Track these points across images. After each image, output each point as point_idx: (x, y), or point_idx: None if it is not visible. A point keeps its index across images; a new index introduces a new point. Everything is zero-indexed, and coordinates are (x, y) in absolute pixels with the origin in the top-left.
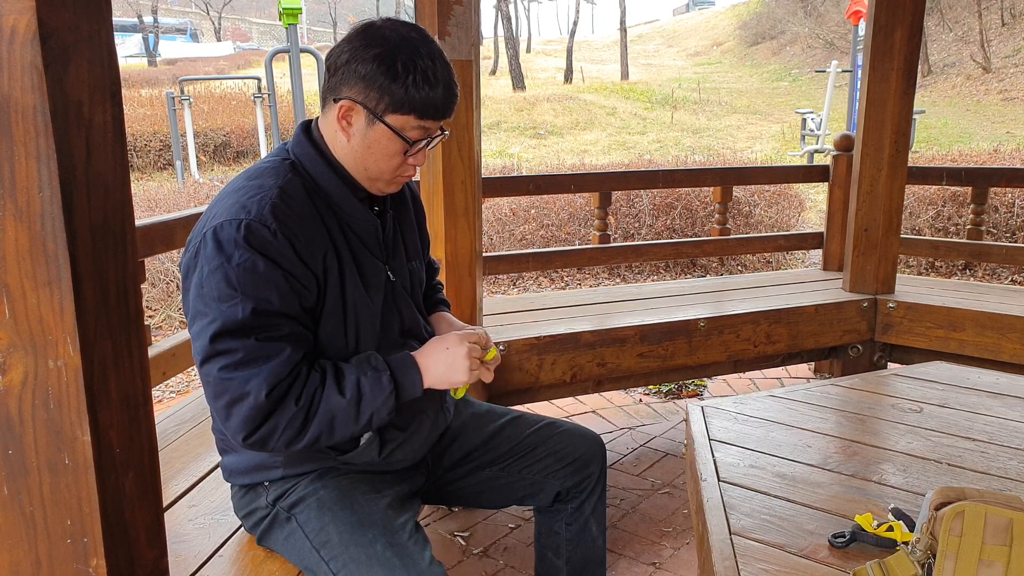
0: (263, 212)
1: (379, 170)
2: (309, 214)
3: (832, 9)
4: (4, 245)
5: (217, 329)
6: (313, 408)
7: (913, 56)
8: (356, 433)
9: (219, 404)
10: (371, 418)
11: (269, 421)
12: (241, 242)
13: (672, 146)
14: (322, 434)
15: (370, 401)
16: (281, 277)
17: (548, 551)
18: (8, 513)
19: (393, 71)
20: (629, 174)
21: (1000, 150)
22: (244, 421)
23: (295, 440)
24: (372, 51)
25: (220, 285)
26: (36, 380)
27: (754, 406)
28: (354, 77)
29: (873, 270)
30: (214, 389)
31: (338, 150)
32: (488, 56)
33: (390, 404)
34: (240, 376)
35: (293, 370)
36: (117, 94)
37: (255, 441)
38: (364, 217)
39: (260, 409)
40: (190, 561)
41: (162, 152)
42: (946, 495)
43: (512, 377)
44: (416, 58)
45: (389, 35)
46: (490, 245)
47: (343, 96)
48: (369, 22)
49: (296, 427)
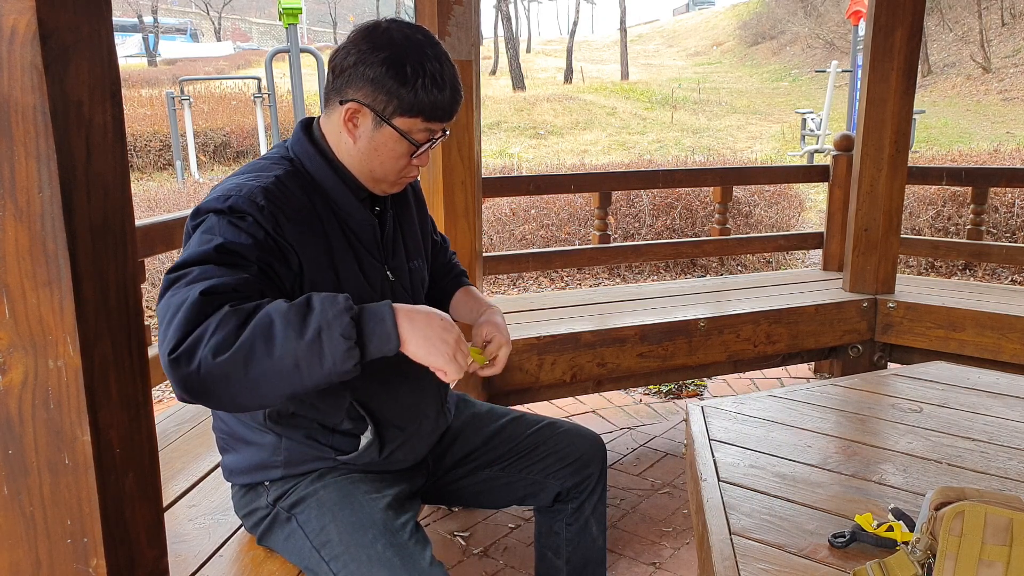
0: (254, 191)
1: (384, 171)
2: (304, 208)
3: (832, 9)
4: (4, 245)
5: (181, 260)
6: (252, 312)
7: (913, 56)
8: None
9: (161, 328)
10: (319, 334)
11: (202, 324)
12: (225, 211)
13: (672, 146)
14: (256, 344)
15: (317, 315)
16: (262, 237)
17: (548, 551)
18: (8, 513)
19: (402, 75)
20: (629, 174)
21: (1000, 150)
22: (176, 328)
23: (225, 347)
24: (380, 54)
25: (201, 234)
26: (36, 380)
27: (754, 406)
28: (361, 80)
29: (873, 270)
30: (159, 313)
31: (342, 151)
32: (488, 56)
33: (344, 321)
34: (183, 291)
35: (242, 292)
36: (117, 94)
37: (183, 351)
38: (362, 216)
39: (192, 308)
40: (190, 561)
41: (162, 152)
42: (946, 495)
43: (512, 377)
44: (424, 61)
45: (396, 37)
46: (490, 245)
47: (349, 98)
48: (374, 23)
49: (229, 328)
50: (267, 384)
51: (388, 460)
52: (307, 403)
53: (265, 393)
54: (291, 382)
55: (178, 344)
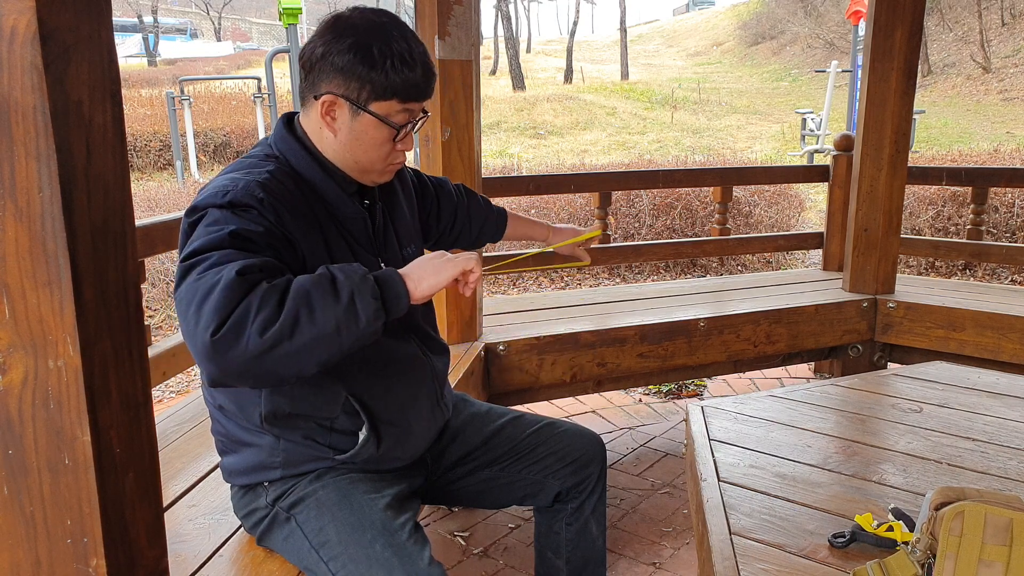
0: (251, 185)
1: (370, 160)
2: (299, 202)
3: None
4: (4, 245)
5: (195, 247)
6: (287, 286)
7: (913, 56)
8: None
9: (190, 311)
10: (352, 297)
11: (243, 302)
12: (226, 205)
13: (672, 146)
14: (301, 313)
15: (344, 282)
16: (268, 226)
17: (548, 551)
18: (8, 513)
19: (370, 58)
20: (629, 174)
21: (1000, 150)
22: (215, 309)
23: (271, 321)
24: (345, 41)
25: (206, 226)
26: (36, 380)
27: (754, 406)
28: (331, 70)
29: (873, 270)
30: (185, 297)
31: (326, 147)
32: (488, 56)
33: (369, 284)
34: (211, 273)
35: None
36: (117, 94)
37: (227, 330)
38: (353, 211)
39: (231, 288)
40: (190, 561)
41: (162, 152)
42: (946, 495)
43: (512, 377)
44: (391, 41)
45: (359, 23)
46: (490, 245)
47: (323, 92)
48: (336, 14)
49: (272, 304)
50: (308, 352)
51: (386, 456)
52: (304, 400)
53: (305, 362)
54: (330, 346)
55: (221, 324)
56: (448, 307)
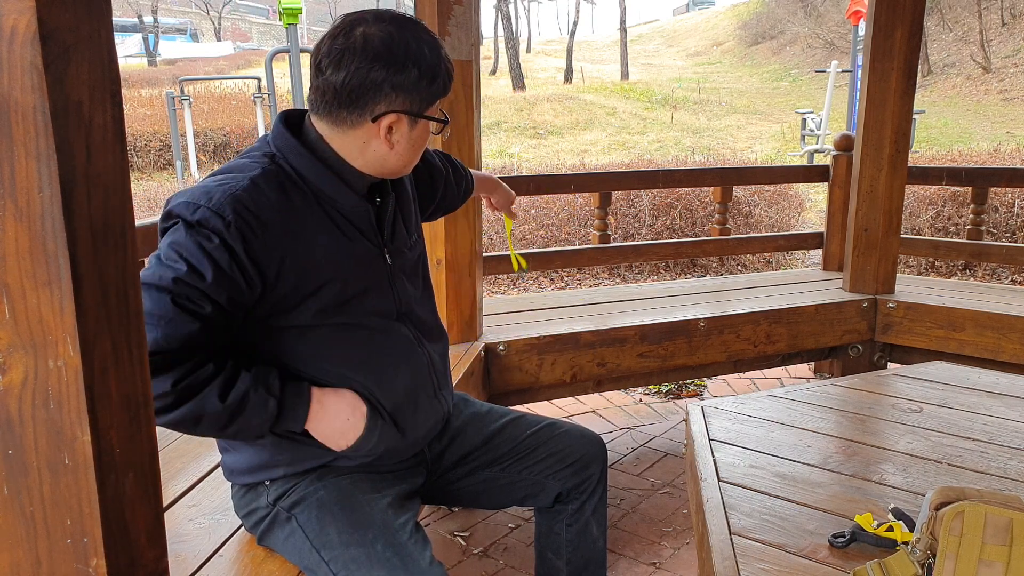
0: (222, 203)
1: (413, 160)
2: (280, 210)
3: (832, 9)
4: (4, 245)
5: (147, 273)
6: (188, 397)
7: (913, 56)
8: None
9: None
10: (236, 433)
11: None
12: (194, 224)
13: (672, 146)
14: (182, 423)
15: (246, 419)
16: (226, 263)
17: (548, 551)
18: (8, 513)
19: (431, 73)
20: (629, 174)
21: (1000, 150)
22: None
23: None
24: (407, 61)
25: (167, 246)
26: (36, 380)
27: (754, 406)
28: (394, 91)
29: (873, 270)
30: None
31: (368, 160)
32: (488, 56)
33: (263, 429)
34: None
35: (190, 348)
36: (117, 94)
37: None
38: (353, 203)
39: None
40: (190, 561)
41: (162, 152)
42: (946, 495)
43: (512, 377)
44: (438, 50)
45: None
46: (490, 245)
47: (382, 112)
48: (365, 35)
49: (161, 404)
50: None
51: (387, 452)
52: None
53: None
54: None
55: None
56: (448, 307)
